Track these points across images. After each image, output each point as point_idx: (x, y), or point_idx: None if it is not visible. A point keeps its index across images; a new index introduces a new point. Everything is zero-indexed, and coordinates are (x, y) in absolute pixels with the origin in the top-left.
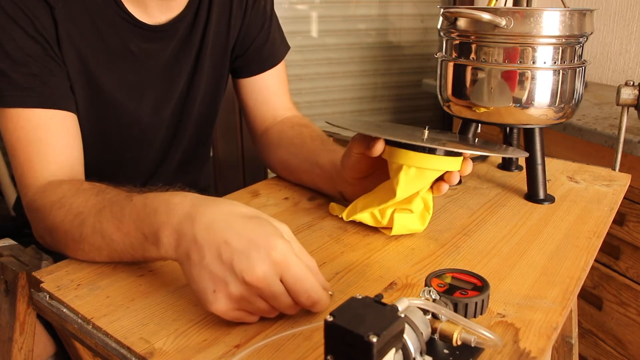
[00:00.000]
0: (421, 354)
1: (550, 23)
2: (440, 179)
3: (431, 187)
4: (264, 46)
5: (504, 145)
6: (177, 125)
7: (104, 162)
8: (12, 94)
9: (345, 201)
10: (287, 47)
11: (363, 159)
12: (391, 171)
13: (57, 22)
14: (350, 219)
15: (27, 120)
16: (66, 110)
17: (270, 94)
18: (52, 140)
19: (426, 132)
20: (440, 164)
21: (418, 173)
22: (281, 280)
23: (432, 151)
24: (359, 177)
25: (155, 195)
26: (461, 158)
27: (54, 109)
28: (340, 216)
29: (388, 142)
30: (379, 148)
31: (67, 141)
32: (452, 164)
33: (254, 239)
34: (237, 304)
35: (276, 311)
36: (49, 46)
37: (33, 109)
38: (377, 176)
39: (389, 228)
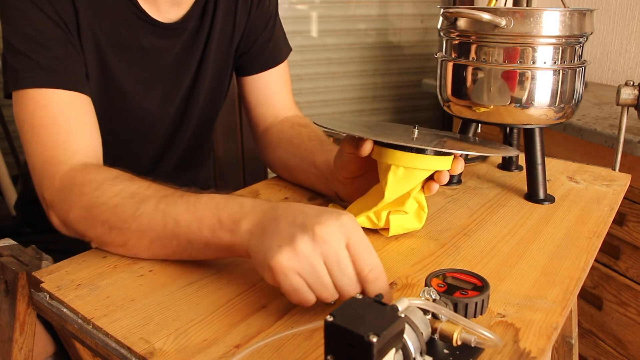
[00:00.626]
0: (421, 354)
1: (550, 23)
2: (431, 178)
3: (422, 187)
4: (266, 45)
5: (500, 145)
6: (180, 120)
7: (107, 153)
8: (34, 74)
9: (341, 201)
10: (289, 49)
11: (354, 158)
12: (380, 172)
13: (78, 10)
14: None
15: (50, 99)
16: (86, 95)
17: (272, 92)
18: (78, 121)
19: (416, 131)
20: (428, 163)
21: (407, 173)
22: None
23: (420, 150)
24: (352, 177)
25: (241, 196)
26: (451, 157)
27: (76, 91)
28: None
29: (377, 142)
30: (367, 148)
31: (91, 123)
32: (441, 164)
33: (327, 210)
34: (300, 262)
35: (334, 293)
36: (69, 32)
37: (56, 90)
38: (369, 176)
39: (387, 229)
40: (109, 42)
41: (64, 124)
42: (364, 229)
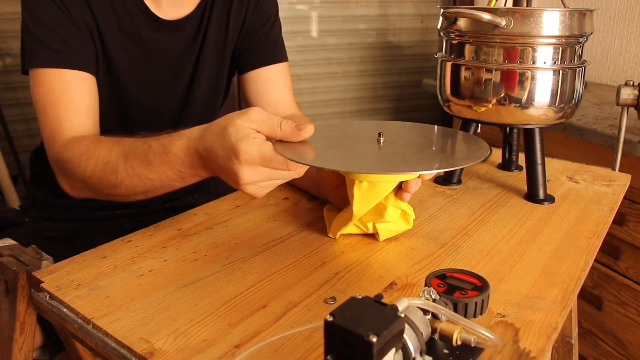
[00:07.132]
0: (421, 354)
1: (550, 23)
2: (400, 187)
3: (396, 195)
4: (263, 43)
5: (476, 143)
6: (179, 117)
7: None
8: (44, 55)
9: (332, 205)
10: (286, 58)
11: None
12: (348, 186)
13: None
14: (338, 235)
15: (55, 79)
16: (89, 73)
17: (270, 88)
18: (77, 101)
19: (382, 139)
20: (391, 175)
21: (371, 186)
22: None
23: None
24: (335, 185)
25: (167, 136)
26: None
27: (79, 70)
28: (329, 235)
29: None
30: None
31: (89, 102)
32: (406, 174)
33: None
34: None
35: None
36: (73, 17)
37: (61, 70)
38: None
39: (378, 233)
40: (110, 27)
41: (64, 105)
42: (355, 234)
